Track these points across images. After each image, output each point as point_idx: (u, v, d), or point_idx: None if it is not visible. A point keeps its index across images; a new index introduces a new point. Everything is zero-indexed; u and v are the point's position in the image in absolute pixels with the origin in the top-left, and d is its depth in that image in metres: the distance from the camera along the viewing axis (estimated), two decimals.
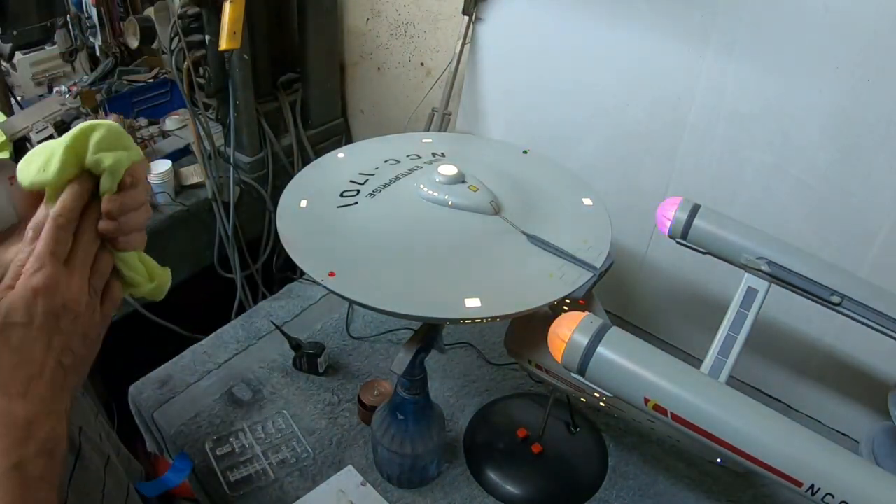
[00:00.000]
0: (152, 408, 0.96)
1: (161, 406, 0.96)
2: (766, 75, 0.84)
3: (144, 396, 0.97)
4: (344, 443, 0.89)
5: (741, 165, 0.90)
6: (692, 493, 0.85)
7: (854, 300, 0.65)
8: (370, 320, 1.09)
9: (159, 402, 0.96)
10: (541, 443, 0.87)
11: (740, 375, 1.01)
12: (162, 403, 0.96)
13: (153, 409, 0.95)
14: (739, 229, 0.71)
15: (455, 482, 0.85)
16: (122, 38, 1.60)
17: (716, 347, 0.68)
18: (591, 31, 0.98)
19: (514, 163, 0.87)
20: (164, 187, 1.36)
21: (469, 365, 1.02)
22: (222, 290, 1.50)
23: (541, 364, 0.74)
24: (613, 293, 1.11)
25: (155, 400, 0.97)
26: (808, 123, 0.83)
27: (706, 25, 0.86)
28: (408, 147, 0.88)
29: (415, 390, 0.76)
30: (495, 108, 1.17)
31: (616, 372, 0.54)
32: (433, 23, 1.33)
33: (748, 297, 0.69)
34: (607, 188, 1.04)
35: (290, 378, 0.99)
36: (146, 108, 1.57)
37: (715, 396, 0.52)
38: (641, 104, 0.97)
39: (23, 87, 1.64)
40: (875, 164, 0.80)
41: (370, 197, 0.75)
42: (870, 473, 0.47)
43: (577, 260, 0.69)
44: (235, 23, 1.13)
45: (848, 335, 0.90)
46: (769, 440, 0.49)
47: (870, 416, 0.92)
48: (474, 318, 0.62)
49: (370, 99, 1.59)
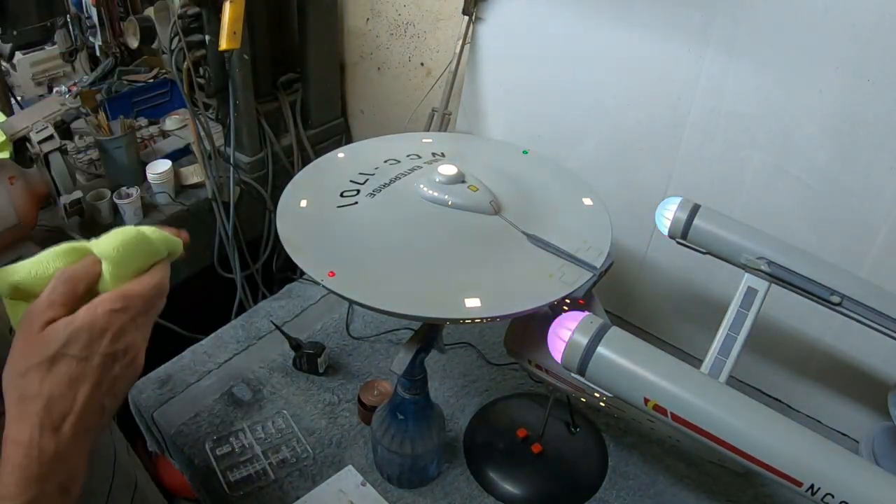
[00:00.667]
0: (152, 408, 0.96)
1: (161, 406, 0.96)
2: (766, 75, 0.84)
3: (144, 396, 0.97)
4: (344, 443, 0.89)
5: (741, 165, 0.90)
6: (692, 493, 0.85)
7: (854, 300, 0.65)
8: (370, 320, 1.09)
9: (159, 402, 0.96)
10: (541, 443, 0.87)
11: (740, 375, 1.01)
12: (162, 403, 0.96)
13: (153, 408, 0.95)
14: (739, 229, 0.71)
15: (455, 482, 0.85)
16: (122, 38, 1.60)
17: (716, 347, 0.68)
18: (591, 32, 0.98)
19: (514, 163, 0.87)
20: (164, 187, 1.36)
21: (469, 365, 1.02)
22: (222, 290, 1.50)
23: (541, 364, 0.74)
24: (613, 293, 1.11)
25: (155, 400, 0.97)
26: (808, 123, 0.83)
27: (706, 25, 0.86)
28: (408, 147, 0.88)
29: (415, 390, 0.76)
30: (495, 108, 1.17)
31: (616, 372, 0.54)
32: (433, 23, 1.33)
33: (748, 297, 0.69)
34: (607, 188, 1.04)
35: (290, 378, 0.99)
36: (146, 108, 1.57)
37: (715, 396, 0.52)
38: (641, 104, 0.97)
39: (23, 87, 1.64)
40: (875, 164, 0.80)
41: (370, 197, 0.75)
42: (870, 473, 0.47)
43: (577, 260, 0.69)
44: (235, 23, 1.13)
45: (848, 335, 0.90)
46: (769, 440, 0.49)
47: (870, 416, 0.92)
48: (474, 318, 0.62)
49: (370, 99, 1.59)
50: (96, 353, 0.41)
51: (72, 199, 1.21)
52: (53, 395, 0.40)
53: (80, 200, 1.22)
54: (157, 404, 0.96)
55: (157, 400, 0.96)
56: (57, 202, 1.21)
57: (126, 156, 1.35)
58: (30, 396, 0.40)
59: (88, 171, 1.40)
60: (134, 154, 1.37)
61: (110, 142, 1.32)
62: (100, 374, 0.42)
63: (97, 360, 0.41)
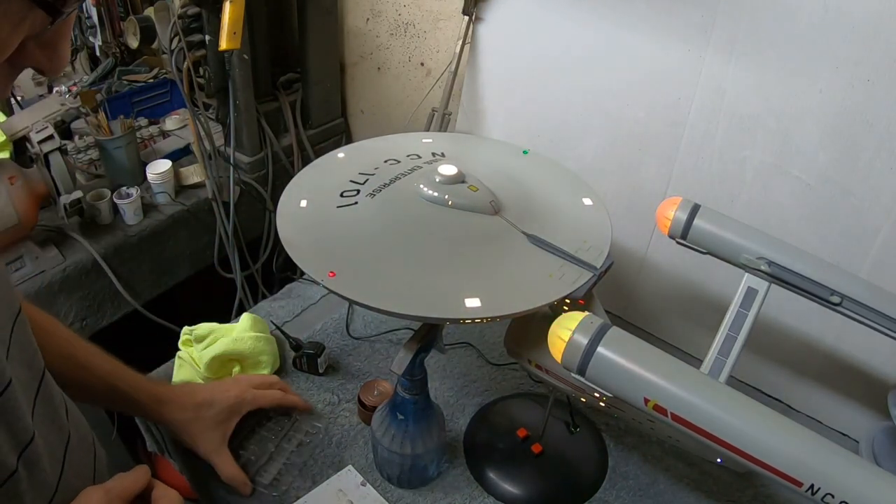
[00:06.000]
0: None
1: None
2: (766, 75, 0.84)
3: None
4: (344, 443, 0.89)
5: (741, 165, 0.90)
6: (692, 493, 0.85)
7: (854, 300, 0.65)
8: (370, 320, 1.09)
9: None
10: (541, 443, 0.87)
11: (740, 375, 1.01)
12: None
13: None
14: (739, 229, 0.71)
15: (455, 482, 0.85)
16: (122, 38, 1.60)
17: (716, 347, 0.68)
18: (591, 31, 0.98)
19: (514, 163, 0.87)
20: (164, 187, 1.36)
21: (469, 365, 1.02)
22: (222, 290, 1.50)
23: (541, 364, 0.74)
24: (613, 293, 1.11)
25: None
26: (808, 123, 0.83)
27: (706, 25, 0.86)
28: (408, 147, 0.88)
29: (415, 390, 0.76)
30: (495, 109, 1.17)
31: (616, 372, 0.54)
32: (433, 23, 1.33)
33: (748, 297, 0.69)
34: (607, 188, 1.04)
35: (290, 378, 0.98)
36: (146, 108, 1.57)
37: (715, 396, 0.52)
38: (641, 104, 0.97)
39: (23, 87, 1.64)
40: (875, 164, 0.80)
41: (370, 197, 0.75)
42: (870, 473, 0.47)
43: (577, 260, 0.69)
44: (235, 23, 1.13)
45: (848, 335, 0.90)
46: (769, 440, 0.49)
47: (870, 416, 0.92)
48: (474, 318, 0.62)
49: (370, 99, 1.59)
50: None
51: (72, 199, 1.21)
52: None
53: (80, 200, 1.23)
54: None
55: None
56: (57, 202, 1.21)
57: (126, 156, 1.35)
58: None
59: (88, 171, 1.40)
60: (134, 154, 1.37)
61: (110, 142, 1.32)
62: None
63: None
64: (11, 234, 1.10)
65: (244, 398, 0.84)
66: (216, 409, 0.81)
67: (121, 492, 0.54)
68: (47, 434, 0.54)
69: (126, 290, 1.29)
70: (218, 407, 0.81)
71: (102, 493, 0.53)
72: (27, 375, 0.53)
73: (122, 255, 1.29)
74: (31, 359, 0.54)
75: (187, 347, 0.96)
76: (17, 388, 0.49)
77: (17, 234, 1.12)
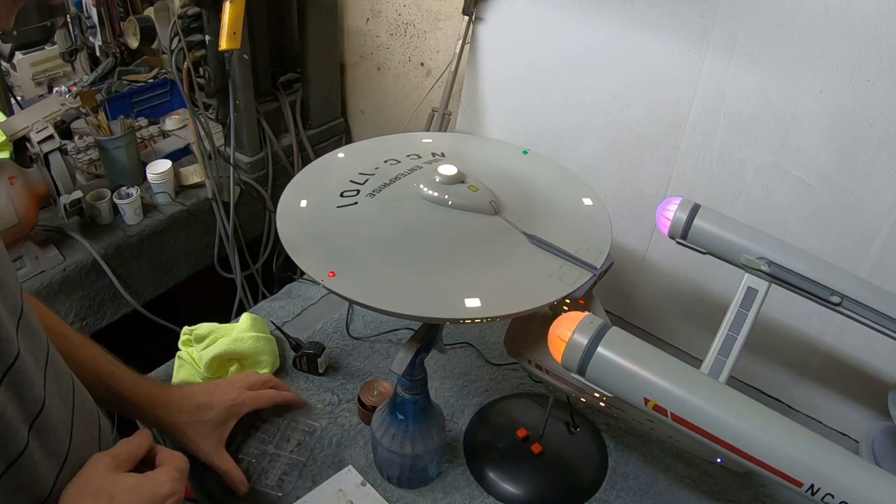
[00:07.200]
0: None
1: None
2: (766, 75, 0.84)
3: None
4: (344, 443, 0.89)
5: (741, 165, 0.91)
6: (692, 493, 0.85)
7: (854, 300, 0.65)
8: (370, 320, 1.09)
9: None
10: (541, 443, 0.87)
11: (740, 375, 1.01)
12: None
13: None
14: (739, 229, 0.71)
15: (455, 482, 0.85)
16: (122, 38, 1.60)
17: (716, 347, 0.68)
18: (592, 32, 0.98)
19: (514, 163, 0.87)
20: (164, 187, 1.36)
21: (469, 365, 1.02)
22: (222, 290, 1.50)
23: (541, 364, 0.74)
24: (613, 293, 1.11)
25: None
26: (808, 123, 0.83)
27: (706, 25, 0.86)
28: (408, 147, 0.88)
29: (415, 390, 0.76)
30: (495, 109, 1.17)
31: (616, 372, 0.54)
32: (433, 23, 1.33)
33: (748, 297, 0.69)
34: (607, 188, 1.04)
35: (290, 378, 0.98)
36: (146, 108, 1.57)
37: (715, 396, 0.52)
38: (641, 104, 0.97)
39: (23, 87, 1.64)
40: (875, 164, 0.80)
41: (370, 197, 0.75)
42: (870, 473, 0.47)
43: (577, 260, 0.69)
44: (235, 23, 1.13)
45: (848, 335, 0.90)
46: (769, 440, 0.49)
47: (870, 416, 0.92)
48: (474, 318, 0.62)
49: (370, 99, 1.59)
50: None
51: (72, 199, 1.21)
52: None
53: (80, 200, 1.22)
54: None
55: None
56: (57, 202, 1.21)
57: (126, 156, 1.35)
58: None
59: (88, 171, 1.40)
60: (134, 154, 1.37)
61: (110, 142, 1.32)
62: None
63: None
64: (11, 234, 1.10)
65: (242, 400, 0.84)
66: (214, 411, 0.81)
67: (127, 456, 0.57)
68: (58, 404, 0.55)
69: (126, 290, 1.29)
70: (216, 410, 0.81)
71: (110, 458, 0.55)
72: (36, 346, 0.54)
73: (122, 255, 1.29)
74: (37, 329, 0.55)
75: (187, 347, 0.96)
76: (26, 358, 0.50)
77: (17, 234, 1.12)
